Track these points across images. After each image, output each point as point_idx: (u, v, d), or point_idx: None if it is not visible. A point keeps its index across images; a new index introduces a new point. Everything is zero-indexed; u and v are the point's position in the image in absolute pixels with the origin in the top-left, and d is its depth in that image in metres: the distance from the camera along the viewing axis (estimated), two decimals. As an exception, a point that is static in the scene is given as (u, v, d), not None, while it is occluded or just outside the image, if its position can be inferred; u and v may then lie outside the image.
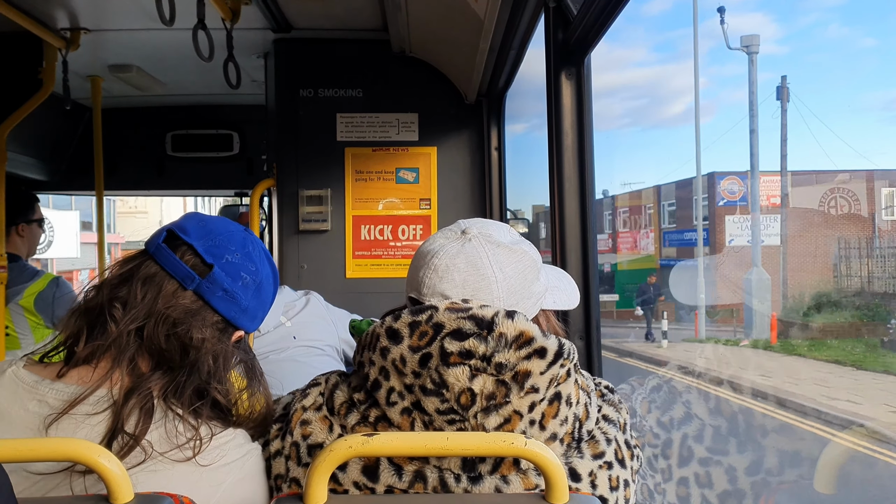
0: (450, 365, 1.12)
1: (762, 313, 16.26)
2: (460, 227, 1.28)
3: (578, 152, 1.83)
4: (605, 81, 63.66)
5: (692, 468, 1.69)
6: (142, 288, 1.25)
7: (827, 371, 12.15)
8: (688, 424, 1.72)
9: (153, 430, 1.17)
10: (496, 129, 3.35)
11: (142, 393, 1.19)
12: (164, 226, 1.32)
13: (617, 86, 68.06)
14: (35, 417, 1.16)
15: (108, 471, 1.05)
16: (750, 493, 1.61)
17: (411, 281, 1.26)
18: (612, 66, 67.88)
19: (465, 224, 1.29)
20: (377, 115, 3.32)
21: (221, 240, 1.31)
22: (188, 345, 1.24)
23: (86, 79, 3.68)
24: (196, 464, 1.18)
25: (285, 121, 3.28)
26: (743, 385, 7.29)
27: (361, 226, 3.36)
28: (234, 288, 1.29)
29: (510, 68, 2.86)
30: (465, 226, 1.28)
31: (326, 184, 3.29)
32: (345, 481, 1.17)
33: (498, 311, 1.14)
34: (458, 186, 3.37)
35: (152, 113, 4.26)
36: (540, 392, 1.14)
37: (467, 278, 1.21)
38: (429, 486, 1.15)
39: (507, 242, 1.27)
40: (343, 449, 1.06)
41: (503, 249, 1.24)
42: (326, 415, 1.23)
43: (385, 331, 1.17)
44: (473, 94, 3.24)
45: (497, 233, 1.28)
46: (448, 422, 1.13)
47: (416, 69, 3.29)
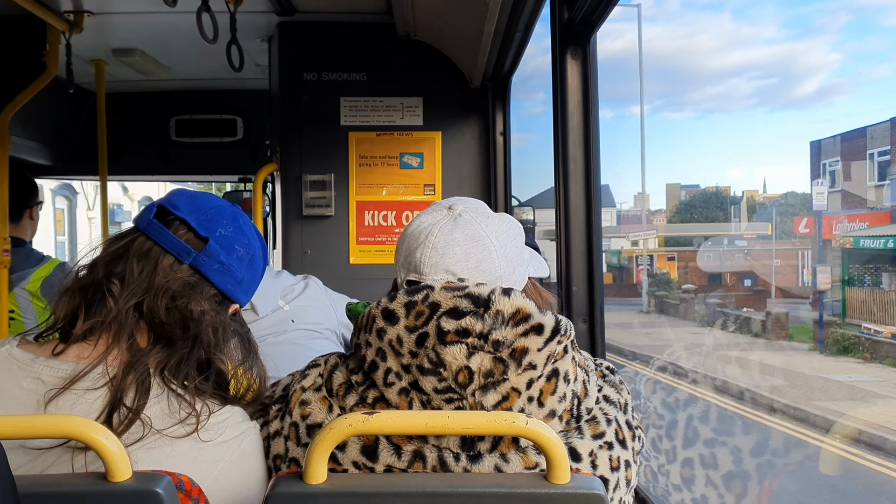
0: (447, 344, 1.11)
1: None
2: (444, 205, 1.29)
3: (584, 133, 1.81)
4: (732, 61, 62.37)
5: (697, 449, 1.67)
6: (138, 263, 1.24)
7: None
8: None
9: (152, 406, 1.17)
10: (502, 114, 3.32)
11: (140, 368, 1.19)
12: (153, 202, 1.31)
13: (743, 64, 66.93)
14: (30, 395, 1.15)
15: (106, 447, 1.04)
16: (755, 475, 1.59)
17: (406, 263, 1.24)
18: (739, 44, 66.71)
19: (447, 202, 1.30)
20: (381, 99, 3.30)
21: (212, 214, 1.31)
22: (189, 318, 1.24)
23: (90, 63, 3.67)
24: (194, 440, 1.17)
25: (289, 104, 3.26)
26: None
27: (365, 211, 3.34)
28: (230, 260, 1.29)
29: (515, 51, 2.84)
30: (449, 203, 1.29)
31: (330, 169, 3.28)
32: (344, 461, 1.16)
33: (494, 289, 1.14)
34: (462, 172, 3.35)
35: (156, 98, 4.25)
36: (538, 369, 1.13)
37: (469, 251, 1.21)
38: (428, 465, 1.14)
39: (491, 213, 1.28)
40: (343, 427, 1.05)
41: (493, 219, 1.26)
42: (325, 395, 1.23)
43: (381, 312, 1.16)
44: (479, 78, 3.22)
45: (480, 206, 1.30)
46: (446, 401, 1.13)
47: (421, 53, 3.27)
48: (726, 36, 76.17)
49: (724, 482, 4.22)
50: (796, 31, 66.46)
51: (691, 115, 79.37)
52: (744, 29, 68.94)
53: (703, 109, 77.70)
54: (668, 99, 77.64)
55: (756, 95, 67.13)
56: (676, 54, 73.98)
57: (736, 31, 63.86)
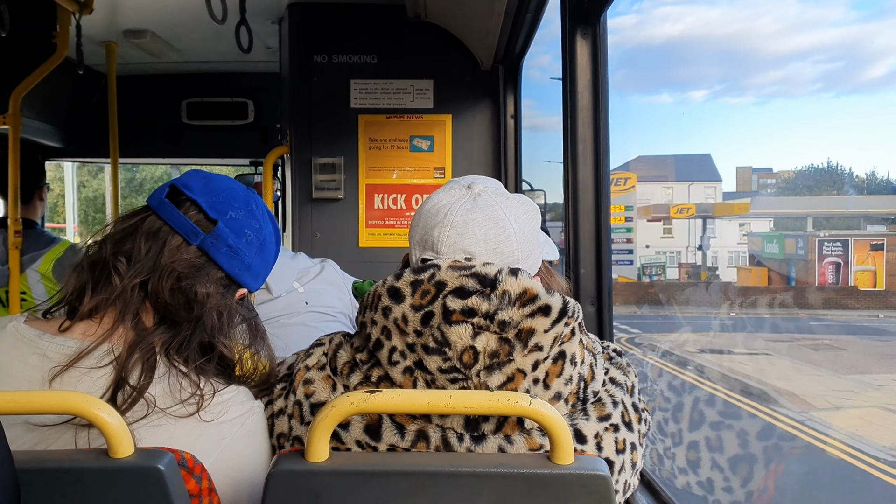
0: (452, 323, 1.10)
1: None
2: (464, 183, 1.27)
3: (593, 113, 1.79)
4: (796, 44, 60.95)
5: (703, 432, 1.66)
6: (146, 242, 1.24)
7: None
8: None
9: (156, 385, 1.17)
10: (513, 97, 3.29)
11: (145, 347, 1.19)
12: (167, 182, 1.31)
13: (808, 48, 65.62)
14: (35, 371, 1.15)
15: (108, 424, 1.04)
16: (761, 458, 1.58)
17: (423, 242, 1.22)
18: (804, 26, 65.42)
19: (466, 180, 1.28)
20: (391, 82, 3.27)
21: (225, 196, 1.30)
22: (192, 299, 1.23)
23: (100, 45, 3.67)
24: (198, 420, 1.17)
25: (299, 87, 3.25)
26: None
27: (375, 194, 3.33)
28: (239, 244, 1.28)
29: (526, 33, 2.81)
30: (469, 181, 1.27)
31: (340, 151, 3.26)
32: (347, 440, 1.16)
33: (501, 269, 1.12)
34: (473, 155, 3.33)
35: (167, 80, 4.25)
36: (544, 350, 1.12)
37: (488, 232, 1.19)
38: (431, 445, 1.13)
39: (509, 194, 1.27)
40: (345, 405, 1.04)
41: (512, 201, 1.25)
42: (329, 374, 1.22)
43: (387, 290, 1.15)
44: (489, 61, 3.19)
45: (498, 186, 1.28)
46: (450, 380, 1.12)
47: (432, 35, 3.24)
48: (791, 18, 74.57)
49: None
50: (866, 13, 64.63)
51: (752, 100, 78.02)
52: (810, 11, 67.35)
53: (765, 94, 76.31)
54: (728, 83, 76.20)
55: (821, 79, 65.74)
56: (737, 38, 72.58)
57: (802, 14, 62.42)
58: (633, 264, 29.90)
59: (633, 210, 29.90)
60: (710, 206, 39.45)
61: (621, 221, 29.95)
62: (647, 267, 35.24)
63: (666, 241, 43.42)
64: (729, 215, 37.95)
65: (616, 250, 28.63)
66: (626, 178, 30.76)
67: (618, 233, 28.97)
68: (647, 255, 37.94)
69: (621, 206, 29.63)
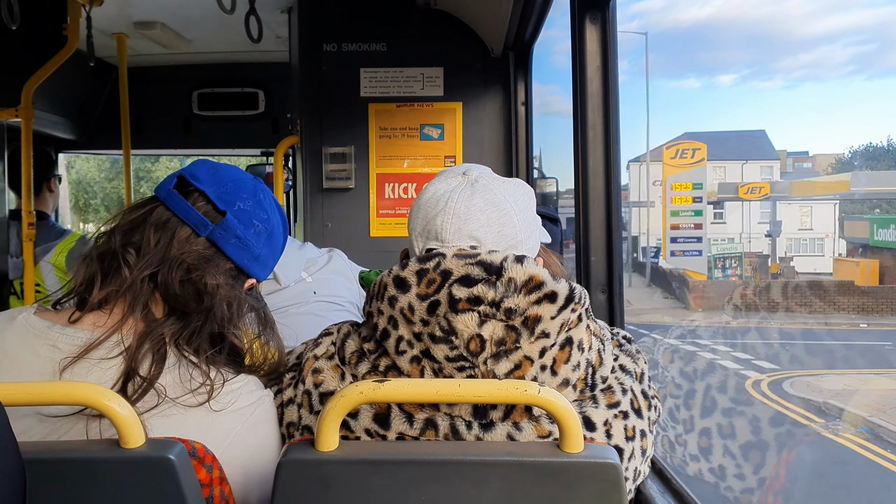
0: (458, 312, 1.10)
1: None
2: (458, 171, 1.27)
3: (603, 99, 1.77)
4: (826, 26, 59.59)
5: (715, 419, 1.65)
6: (155, 233, 1.24)
7: None
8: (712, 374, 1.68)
9: (166, 375, 1.17)
10: (523, 84, 3.27)
11: (155, 338, 1.19)
12: (175, 172, 1.31)
13: (838, 30, 64.35)
14: (46, 362, 1.16)
15: (119, 414, 1.04)
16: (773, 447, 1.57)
17: (425, 231, 1.22)
18: (834, 9, 64.31)
19: (459, 168, 1.28)
20: (401, 70, 3.26)
21: (233, 187, 1.30)
22: (202, 291, 1.24)
23: (111, 36, 3.67)
24: (208, 409, 1.18)
25: (308, 76, 3.24)
26: None
27: (385, 184, 3.32)
28: (247, 235, 1.28)
29: (536, 19, 2.79)
30: (463, 169, 1.28)
31: (350, 141, 3.26)
32: (356, 429, 1.16)
33: (507, 256, 1.12)
34: (483, 143, 3.32)
35: (178, 71, 4.25)
36: (551, 337, 1.12)
37: (491, 216, 1.19)
38: (440, 433, 1.13)
39: (504, 178, 1.27)
40: (354, 395, 1.04)
41: (509, 184, 1.25)
42: (338, 364, 1.22)
43: (392, 280, 1.15)
44: (500, 47, 3.17)
45: (491, 171, 1.29)
46: (458, 369, 1.11)
47: (441, 22, 3.22)
48: (820, 0, 73.04)
49: None
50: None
51: (781, 84, 76.73)
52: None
53: (795, 78, 75.03)
54: (757, 67, 75.03)
55: (853, 62, 64.51)
56: (767, 20, 71.32)
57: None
58: (702, 255, 26.64)
59: (702, 189, 26.76)
60: (786, 185, 34.68)
61: (688, 203, 26.52)
62: (720, 259, 30.14)
63: (716, 228, 38.58)
64: (814, 195, 33.75)
65: (682, 238, 25.99)
66: (695, 148, 26.99)
67: (685, 216, 26.26)
68: (719, 245, 33.18)
69: (688, 183, 26.35)
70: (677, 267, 26.08)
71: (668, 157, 27.10)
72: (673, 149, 27.05)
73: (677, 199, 26.64)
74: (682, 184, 26.52)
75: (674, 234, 26.51)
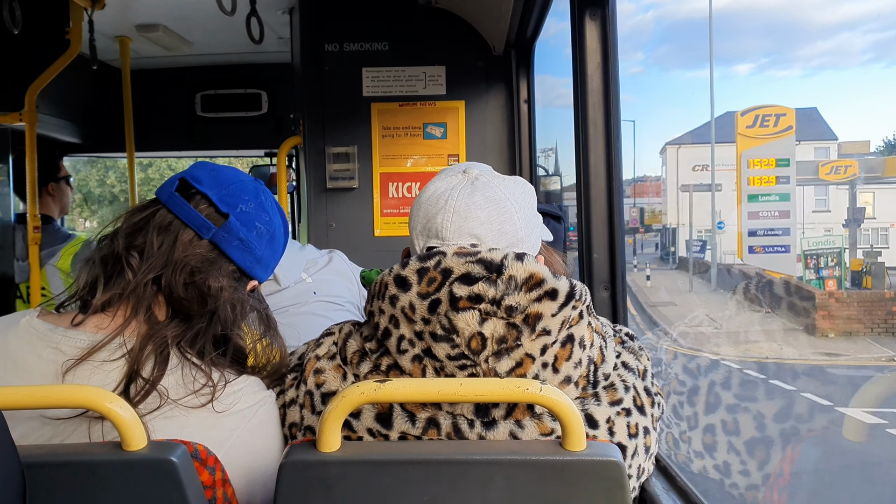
0: (459, 310, 1.09)
1: None
2: (458, 169, 1.27)
3: (604, 96, 1.77)
4: (845, 13, 59.02)
5: (719, 415, 1.65)
6: (158, 236, 1.24)
7: None
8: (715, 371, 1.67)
9: (168, 376, 1.17)
10: (525, 81, 3.27)
11: (157, 340, 1.19)
12: (176, 174, 1.31)
13: (858, 17, 63.82)
14: (49, 365, 1.16)
15: (120, 417, 1.04)
16: (778, 441, 1.55)
17: (426, 230, 1.22)
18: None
19: (459, 167, 1.28)
20: (403, 69, 3.26)
21: (234, 189, 1.30)
22: (206, 293, 1.24)
23: (114, 40, 3.68)
24: (211, 410, 1.18)
25: (311, 77, 3.24)
26: None
27: (389, 183, 3.32)
28: (249, 237, 1.28)
29: (538, 16, 2.78)
30: (463, 167, 1.28)
31: (353, 141, 3.26)
32: (359, 428, 1.16)
33: (507, 254, 1.12)
34: (487, 141, 3.32)
35: (181, 73, 4.26)
36: (552, 334, 1.11)
37: (491, 214, 1.19)
38: (442, 432, 1.13)
39: (504, 175, 1.27)
40: (356, 395, 1.04)
41: (508, 182, 1.25)
42: (340, 364, 1.22)
43: (393, 279, 1.15)
44: (501, 45, 3.16)
45: (491, 169, 1.29)
46: (459, 367, 1.11)
47: (443, 20, 3.22)
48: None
49: None
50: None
51: (799, 73, 75.79)
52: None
53: (813, 66, 74.20)
54: (774, 56, 74.09)
55: (872, 49, 63.86)
56: (784, 9, 70.39)
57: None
58: (790, 251, 19.53)
59: (790, 166, 19.73)
60: (877, 162, 26.86)
61: (770, 184, 19.48)
62: (813, 255, 22.29)
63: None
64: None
65: (763, 230, 19.31)
66: (779, 114, 19.90)
67: (767, 202, 19.43)
68: (812, 238, 23.49)
69: (770, 159, 19.44)
70: (759, 267, 19.77)
71: (744, 125, 20.27)
72: (750, 115, 20.21)
73: (756, 181, 19.83)
74: (763, 160, 19.81)
75: (753, 226, 19.65)
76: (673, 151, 38.91)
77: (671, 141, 39.83)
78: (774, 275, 19.06)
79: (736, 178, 20.45)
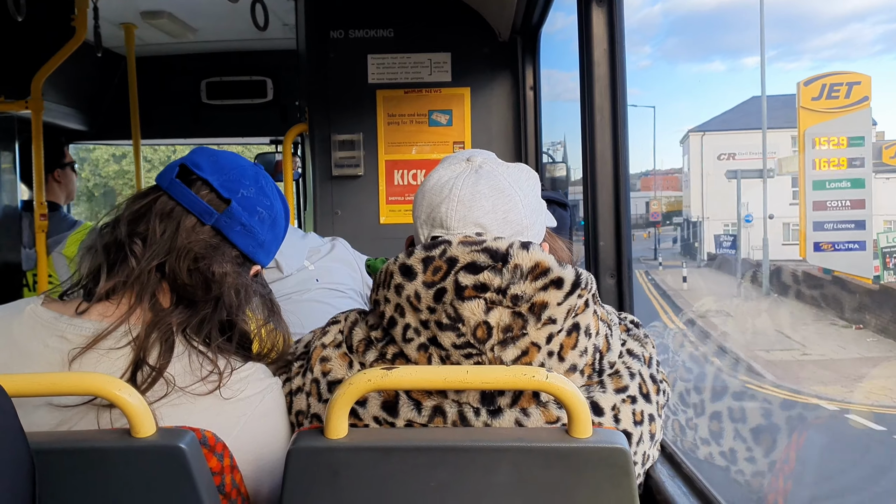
0: (465, 299, 1.10)
1: None
2: (462, 157, 1.27)
3: (610, 83, 1.76)
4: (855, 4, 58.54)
5: (726, 402, 1.65)
6: (160, 223, 1.24)
7: None
8: None
9: (175, 364, 1.18)
10: (531, 68, 3.25)
11: (163, 327, 1.20)
12: (176, 160, 1.31)
13: (868, 7, 63.29)
14: (55, 353, 1.16)
15: (129, 404, 1.05)
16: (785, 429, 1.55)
17: (430, 219, 1.22)
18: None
19: (463, 154, 1.28)
20: (409, 56, 3.25)
21: (235, 174, 1.30)
22: (210, 279, 1.24)
23: (119, 27, 3.68)
24: (217, 397, 1.18)
25: (316, 64, 3.24)
26: None
27: (395, 170, 3.32)
28: (252, 222, 1.28)
29: (544, 2, 2.77)
30: (467, 155, 1.27)
31: (358, 128, 3.26)
32: (365, 416, 1.16)
33: (513, 243, 1.12)
34: (492, 128, 3.31)
35: (186, 60, 4.26)
36: (557, 323, 1.12)
37: (496, 203, 1.19)
38: (448, 420, 1.14)
39: (508, 163, 1.27)
40: (362, 382, 1.05)
41: (513, 169, 1.25)
42: (346, 352, 1.23)
43: (399, 267, 1.15)
44: (507, 31, 3.15)
45: (495, 157, 1.28)
46: (465, 356, 1.12)
47: (448, 7, 3.21)
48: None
49: None
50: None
51: (809, 65, 74.92)
52: (870, -33, 64.12)
53: (822, 58, 73.37)
54: (783, 49, 73.24)
55: (882, 41, 63.27)
56: (791, 1, 69.57)
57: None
58: (866, 248, 16.01)
59: (864, 146, 16.23)
60: None
61: (841, 167, 16.18)
62: (891, 254, 17.75)
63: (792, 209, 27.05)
64: None
65: (833, 223, 15.96)
66: (852, 82, 16.53)
67: (834, 188, 16.13)
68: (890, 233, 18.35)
69: (840, 137, 16.07)
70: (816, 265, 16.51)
71: (808, 97, 16.83)
72: (815, 84, 16.86)
73: (824, 164, 16.45)
74: (832, 139, 16.36)
75: (819, 217, 16.24)
76: (696, 139, 37.30)
77: (695, 128, 38.00)
78: (854, 277, 15.37)
79: (799, 162, 17.31)
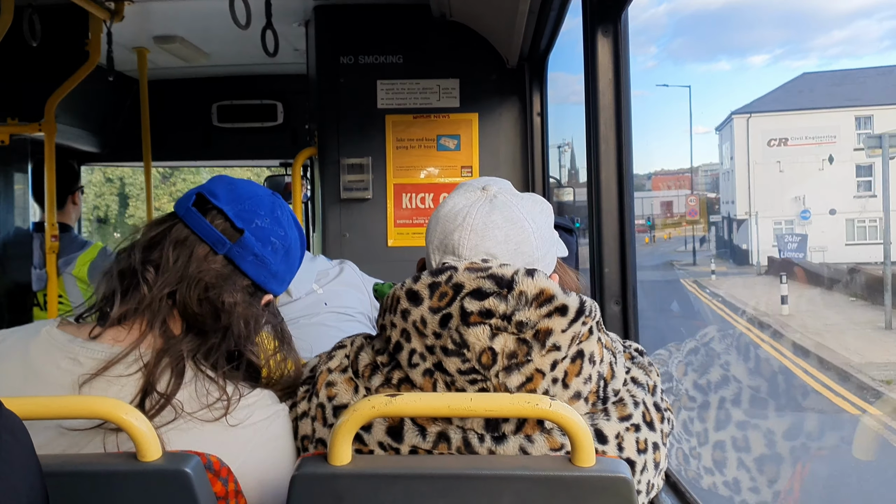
0: (470, 325, 1.11)
1: None
2: (478, 185, 1.27)
3: (616, 112, 1.78)
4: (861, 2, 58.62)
5: (729, 432, 1.65)
6: (173, 251, 1.26)
7: None
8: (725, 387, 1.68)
9: (183, 390, 1.19)
10: (538, 94, 3.29)
11: (173, 354, 1.21)
12: (193, 189, 1.32)
13: (874, 4, 63.30)
14: (67, 375, 1.18)
15: (136, 428, 1.06)
16: (788, 458, 1.55)
17: (442, 246, 1.23)
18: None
19: (479, 182, 1.29)
20: (418, 82, 3.29)
21: (251, 204, 1.31)
22: (220, 309, 1.25)
23: (132, 50, 3.73)
24: (224, 424, 1.19)
25: (326, 88, 3.28)
26: None
27: (403, 194, 3.35)
28: (264, 253, 1.29)
29: (551, 30, 2.80)
30: (482, 183, 1.28)
31: (367, 152, 3.29)
32: (370, 442, 1.17)
33: (518, 270, 1.13)
34: (499, 153, 3.34)
35: (198, 84, 4.31)
36: (562, 350, 1.12)
37: (508, 233, 1.20)
38: (452, 446, 1.14)
39: (522, 193, 1.28)
40: (366, 409, 1.06)
41: (527, 200, 1.26)
42: (351, 377, 1.23)
43: (405, 293, 1.16)
44: (515, 59, 3.19)
45: (511, 186, 1.29)
46: (470, 382, 1.12)
47: (457, 34, 3.25)
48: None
49: None
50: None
51: (816, 63, 74.67)
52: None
53: (830, 55, 73.15)
54: (790, 46, 72.82)
55: (889, 37, 63.13)
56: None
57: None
58: None
59: None
60: None
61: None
62: None
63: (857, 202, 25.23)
64: None
65: None
66: None
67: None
68: None
69: None
70: None
71: None
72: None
73: None
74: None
75: None
76: (741, 123, 32.62)
77: (738, 110, 33.34)
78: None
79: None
